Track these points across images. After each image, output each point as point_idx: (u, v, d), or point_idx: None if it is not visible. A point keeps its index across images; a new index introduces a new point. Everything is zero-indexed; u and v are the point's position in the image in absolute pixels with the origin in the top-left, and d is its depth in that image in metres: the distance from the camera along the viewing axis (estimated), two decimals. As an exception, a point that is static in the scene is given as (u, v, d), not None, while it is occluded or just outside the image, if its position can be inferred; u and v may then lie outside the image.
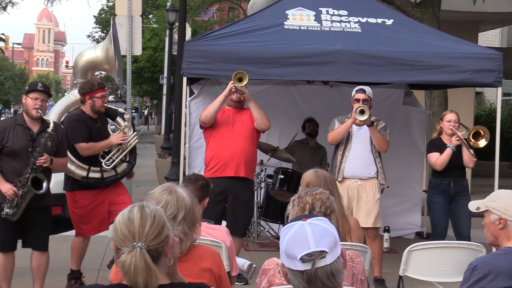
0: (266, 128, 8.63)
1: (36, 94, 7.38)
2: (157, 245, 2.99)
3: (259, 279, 4.20)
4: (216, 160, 8.46)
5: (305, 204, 4.14)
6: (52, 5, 21.11)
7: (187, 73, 9.07)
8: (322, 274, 2.72)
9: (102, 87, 8.27)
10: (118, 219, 3.03)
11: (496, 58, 9.23)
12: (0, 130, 7.30)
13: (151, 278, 2.89)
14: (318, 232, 2.75)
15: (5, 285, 7.45)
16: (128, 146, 8.25)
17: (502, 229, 4.28)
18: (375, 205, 8.52)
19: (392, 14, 10.19)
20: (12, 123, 7.40)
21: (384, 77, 9.29)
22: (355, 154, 8.56)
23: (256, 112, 8.42)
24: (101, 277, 8.61)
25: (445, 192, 8.86)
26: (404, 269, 6.01)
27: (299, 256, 2.70)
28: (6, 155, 7.28)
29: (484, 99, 32.76)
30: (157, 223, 3.00)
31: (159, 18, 38.44)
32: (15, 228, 7.36)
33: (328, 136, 8.67)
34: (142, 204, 3.08)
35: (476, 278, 4.20)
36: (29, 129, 7.36)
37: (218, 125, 8.49)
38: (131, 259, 2.88)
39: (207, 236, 5.26)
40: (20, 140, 7.30)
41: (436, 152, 8.82)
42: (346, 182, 8.52)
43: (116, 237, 2.99)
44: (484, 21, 21.01)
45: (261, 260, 5.00)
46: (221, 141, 8.46)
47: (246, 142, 8.49)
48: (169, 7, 25.55)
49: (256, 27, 9.37)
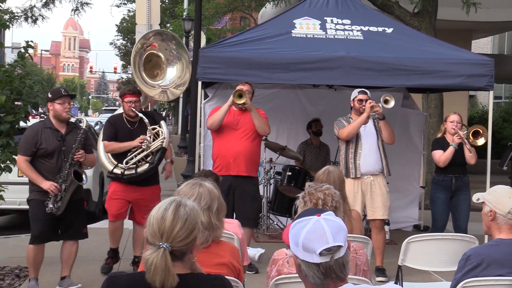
0: (266, 134, 8.83)
1: (62, 99, 7.46)
2: (183, 246, 2.99)
3: (269, 268, 4.22)
4: (221, 160, 8.52)
5: (317, 200, 4.13)
6: (79, 16, 21.08)
7: (202, 77, 9.09)
8: (336, 266, 2.74)
9: (130, 93, 8.19)
10: (153, 213, 3.02)
11: (488, 64, 9.22)
12: (33, 134, 7.39)
13: (168, 280, 2.89)
14: (334, 227, 2.76)
15: (34, 272, 7.50)
16: (150, 148, 8.12)
17: (492, 220, 4.30)
18: (387, 197, 8.57)
19: (392, 23, 10.19)
20: (42, 126, 7.48)
21: (384, 81, 9.30)
22: (368, 150, 8.54)
23: (257, 120, 8.46)
24: (122, 267, 8.62)
25: (447, 188, 8.89)
26: (402, 259, 6.01)
27: (318, 250, 2.71)
28: (40, 156, 7.38)
29: (477, 102, 32.68)
30: (187, 226, 2.98)
31: (176, 27, 38.37)
32: (52, 223, 7.45)
33: (342, 132, 8.54)
34: (179, 202, 3.05)
35: (470, 267, 4.21)
36: (57, 131, 7.45)
37: (224, 125, 8.51)
38: (153, 259, 2.88)
39: (220, 229, 5.26)
40: (52, 142, 7.39)
41: (439, 150, 8.85)
42: (361, 178, 8.51)
43: (148, 230, 2.99)
44: (477, 29, 21.02)
45: (271, 250, 5.02)
46: (225, 141, 8.50)
47: (248, 142, 8.51)
48: (185, 17, 25.54)
49: (266, 35, 9.39)
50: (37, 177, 7.33)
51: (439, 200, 8.95)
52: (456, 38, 16.86)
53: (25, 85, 8.13)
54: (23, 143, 7.41)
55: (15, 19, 21.19)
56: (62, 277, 7.64)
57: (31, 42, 8.43)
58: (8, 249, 9.60)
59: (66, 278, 7.63)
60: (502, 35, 31.81)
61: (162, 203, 3.06)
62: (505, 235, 4.24)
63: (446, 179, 8.89)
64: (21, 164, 7.39)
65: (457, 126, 8.78)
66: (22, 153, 7.38)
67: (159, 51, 8.72)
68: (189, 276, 3.06)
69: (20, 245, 9.60)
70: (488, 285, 4.22)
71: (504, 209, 4.23)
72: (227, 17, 39.58)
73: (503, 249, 4.19)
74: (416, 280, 7.27)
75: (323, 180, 5.23)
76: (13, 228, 12.11)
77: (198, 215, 3.08)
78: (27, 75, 8.42)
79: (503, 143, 22.76)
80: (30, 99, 8.15)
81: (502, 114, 27.25)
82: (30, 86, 8.18)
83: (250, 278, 6.89)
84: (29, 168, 7.35)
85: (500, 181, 6.32)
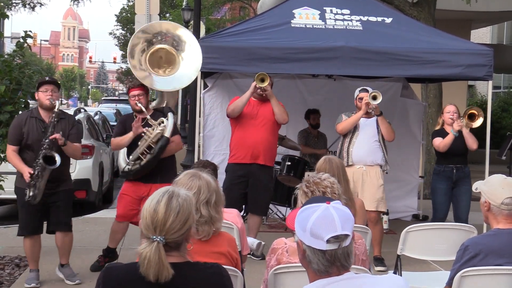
0: (285, 122, 8.87)
1: (45, 86, 7.34)
2: (177, 238, 2.98)
3: (268, 257, 4.22)
4: (239, 148, 8.67)
5: (325, 188, 4.12)
6: (78, 6, 21.10)
7: (201, 67, 9.06)
8: (341, 254, 2.76)
9: (134, 87, 7.98)
10: (146, 205, 3.01)
11: (487, 54, 9.21)
12: (18, 123, 7.30)
13: (162, 273, 2.89)
14: (342, 216, 2.77)
15: (33, 264, 7.50)
16: (150, 138, 7.75)
17: (488, 210, 4.30)
18: (378, 190, 8.54)
19: (391, 13, 10.16)
20: (28, 115, 7.38)
21: (383, 71, 9.30)
22: (362, 141, 8.58)
23: (277, 108, 8.62)
24: (121, 258, 8.62)
25: (448, 178, 8.92)
26: (401, 249, 6.01)
27: (326, 237, 2.72)
28: (25, 146, 7.29)
29: (476, 91, 32.64)
30: (180, 218, 2.97)
31: (175, 17, 38.30)
32: (37, 213, 7.36)
33: (338, 126, 8.66)
34: (172, 193, 3.02)
35: (468, 257, 4.21)
36: (43, 121, 7.33)
37: (243, 115, 8.65)
38: (147, 253, 2.88)
39: (220, 218, 5.27)
40: (34, 132, 7.28)
41: (440, 138, 8.89)
42: (352, 168, 8.52)
43: (142, 223, 2.98)
44: (476, 19, 20.98)
45: (270, 240, 5.01)
46: (244, 131, 8.65)
47: (266, 133, 8.68)
48: (185, 7, 25.45)
49: (265, 25, 9.37)
50: (19, 164, 7.23)
51: (440, 191, 8.98)
52: (455, 28, 16.83)
53: (24, 75, 8.12)
54: (10, 133, 7.35)
55: (13, 6, 21.17)
56: (62, 264, 7.64)
57: (30, 32, 8.41)
58: (8, 239, 9.60)
59: (66, 266, 7.63)
60: (501, 25, 31.76)
61: (154, 194, 3.04)
62: (503, 225, 4.24)
63: (447, 169, 8.92)
64: (8, 152, 7.34)
65: (454, 116, 8.83)
66: (9, 142, 7.33)
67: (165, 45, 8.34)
68: (185, 265, 3.06)
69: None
70: (487, 275, 4.23)
71: (497, 200, 4.23)
72: (227, 7, 39.56)
73: (501, 239, 4.20)
74: (415, 270, 7.28)
75: (325, 169, 5.24)
76: (12, 218, 12.09)
77: (192, 204, 3.06)
78: (26, 65, 8.41)
79: (502, 132, 22.77)
80: (29, 89, 8.12)
81: (501, 104, 27.27)
82: (30, 76, 8.16)
83: (250, 267, 6.89)
84: (13, 156, 7.27)
85: (499, 170, 6.31)
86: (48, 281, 7.64)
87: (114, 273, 3.08)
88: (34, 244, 7.45)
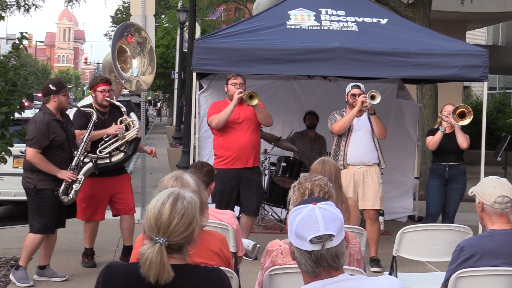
0: (269, 125, 9.04)
1: (66, 91, 7.64)
2: (180, 240, 2.97)
3: (263, 259, 4.21)
4: (226, 153, 8.64)
5: (304, 190, 4.12)
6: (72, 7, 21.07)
7: (196, 68, 9.08)
8: (328, 255, 2.73)
9: (103, 82, 8.12)
10: (150, 206, 2.99)
11: (482, 55, 9.22)
12: (46, 127, 7.33)
13: (163, 275, 2.88)
14: (327, 216, 2.75)
15: (26, 261, 7.51)
16: (125, 137, 7.99)
17: (482, 211, 4.31)
18: (379, 188, 8.58)
19: (387, 14, 10.17)
20: (49, 119, 7.42)
21: (379, 72, 9.32)
22: (358, 141, 8.57)
23: (260, 114, 8.64)
24: (117, 257, 8.62)
25: (441, 176, 9.08)
26: (397, 250, 6.02)
27: (309, 237, 2.71)
28: (53, 147, 7.39)
29: (471, 92, 32.68)
30: (184, 221, 2.95)
31: (170, 18, 38.39)
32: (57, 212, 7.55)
33: (334, 126, 8.61)
34: (177, 195, 3.01)
35: (464, 258, 4.22)
36: (61, 121, 7.54)
37: (227, 120, 8.60)
38: (149, 254, 2.87)
39: (215, 220, 5.27)
40: (61, 133, 7.45)
41: (431, 136, 9.05)
42: (352, 168, 8.52)
43: (146, 224, 2.97)
44: (472, 20, 21.00)
45: (265, 241, 5.01)
46: (229, 135, 8.63)
47: (252, 135, 8.71)
48: (180, 8, 25.44)
49: (260, 26, 9.38)
50: (53, 168, 7.35)
51: (432, 187, 9.17)
52: (450, 29, 16.86)
53: (19, 76, 8.10)
54: (36, 137, 7.30)
55: (7, 8, 21.14)
56: (42, 266, 7.66)
57: (25, 33, 8.42)
58: (3, 240, 9.58)
59: (47, 267, 7.68)
60: (496, 26, 31.82)
61: (160, 195, 3.02)
62: (498, 225, 4.25)
63: (440, 167, 9.09)
64: (35, 157, 7.30)
65: (449, 116, 8.87)
66: (35, 146, 7.29)
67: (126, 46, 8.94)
68: (186, 267, 3.05)
69: (15, 236, 9.61)
70: (482, 276, 4.24)
71: (490, 199, 4.25)
72: (222, 8, 39.55)
73: (497, 239, 4.21)
74: (410, 271, 7.29)
75: (318, 170, 5.24)
76: (8, 219, 12.08)
77: (197, 207, 3.04)
78: (21, 66, 8.40)
79: (497, 133, 22.80)
80: (24, 90, 8.12)
81: (496, 105, 27.29)
82: (25, 77, 8.15)
83: (246, 268, 6.89)
84: (43, 160, 7.33)
85: (494, 171, 6.35)
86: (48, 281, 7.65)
87: (114, 272, 3.07)
88: (53, 237, 7.66)
